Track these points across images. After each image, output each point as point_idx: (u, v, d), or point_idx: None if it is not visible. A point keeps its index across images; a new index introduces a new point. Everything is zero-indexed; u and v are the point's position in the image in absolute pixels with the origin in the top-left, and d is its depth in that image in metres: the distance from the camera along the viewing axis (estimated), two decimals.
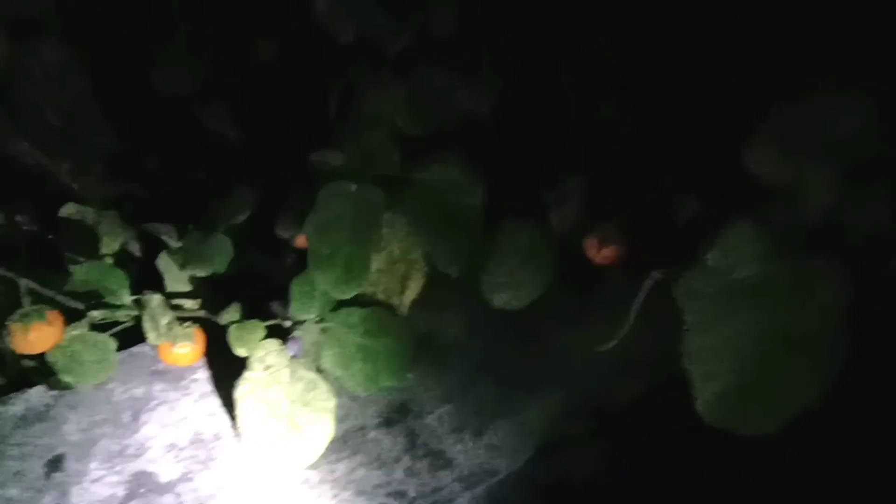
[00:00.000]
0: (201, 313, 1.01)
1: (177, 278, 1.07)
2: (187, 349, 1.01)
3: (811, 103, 0.70)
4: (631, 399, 1.07)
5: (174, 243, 1.08)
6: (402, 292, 0.97)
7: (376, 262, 0.96)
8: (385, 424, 1.05)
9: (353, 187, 0.87)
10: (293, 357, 0.93)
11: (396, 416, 1.06)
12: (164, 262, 1.08)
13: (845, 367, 0.65)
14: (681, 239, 0.80)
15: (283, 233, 0.99)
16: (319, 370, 0.93)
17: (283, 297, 0.96)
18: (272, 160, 1.14)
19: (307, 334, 0.93)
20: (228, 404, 1.01)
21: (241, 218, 1.06)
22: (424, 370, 1.10)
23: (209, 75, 1.16)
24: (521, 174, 0.99)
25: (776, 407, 0.67)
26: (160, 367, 1.08)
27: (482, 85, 1.10)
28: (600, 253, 0.94)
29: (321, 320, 0.94)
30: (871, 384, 0.85)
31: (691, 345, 0.69)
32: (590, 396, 1.07)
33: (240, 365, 0.93)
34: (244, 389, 0.91)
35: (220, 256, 1.05)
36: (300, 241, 1.04)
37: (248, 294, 1.02)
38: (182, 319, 1.02)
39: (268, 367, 0.91)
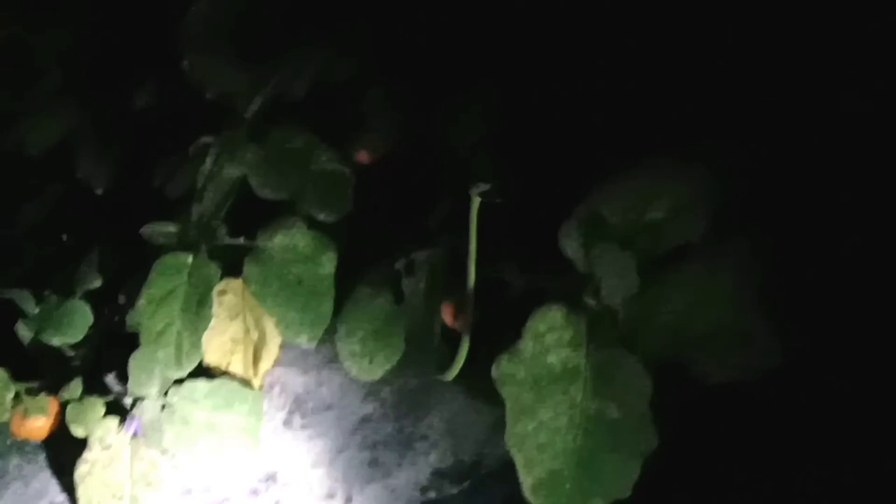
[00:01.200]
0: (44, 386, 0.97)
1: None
2: (41, 422, 0.97)
3: (615, 191, 0.69)
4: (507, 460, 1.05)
5: (31, 310, 1.04)
6: (256, 363, 0.94)
7: (229, 331, 0.93)
8: (251, 494, 1.02)
9: (189, 260, 0.84)
10: (135, 435, 0.90)
11: (263, 485, 1.03)
12: (22, 330, 1.05)
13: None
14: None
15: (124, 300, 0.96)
16: (162, 449, 0.90)
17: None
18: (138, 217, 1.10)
19: (147, 412, 0.90)
20: None
21: (97, 283, 1.03)
22: (296, 434, 1.07)
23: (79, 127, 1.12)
24: (382, 239, 0.97)
25: (590, 495, 0.65)
26: (20, 440, 1.04)
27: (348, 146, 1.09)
28: (456, 320, 0.91)
29: (164, 395, 0.90)
30: None
31: (510, 429, 0.67)
32: (462, 458, 1.05)
33: None
34: (82, 471, 0.88)
35: (77, 324, 1.01)
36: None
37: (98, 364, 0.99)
38: (36, 390, 0.99)
39: (107, 448, 0.88)
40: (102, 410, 0.90)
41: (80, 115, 1.07)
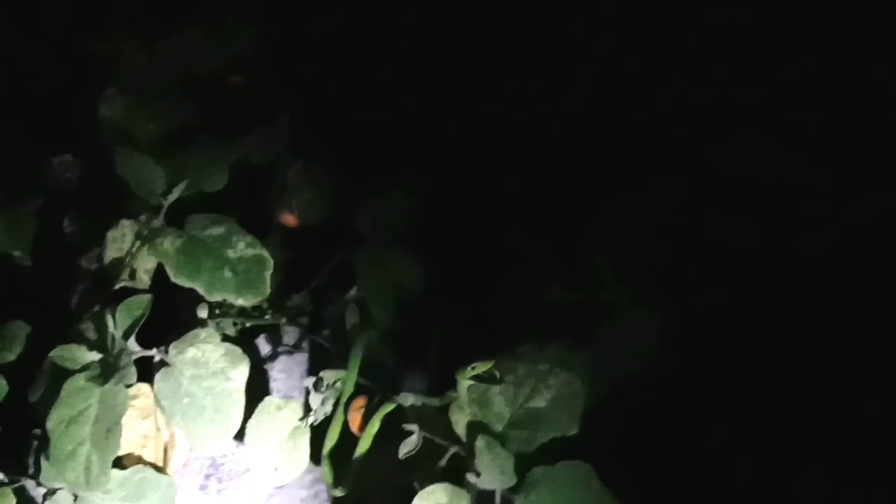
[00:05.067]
0: None
1: None
2: None
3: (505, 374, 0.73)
4: None
5: None
6: (168, 459, 0.98)
7: (140, 429, 0.96)
8: None
9: (99, 388, 0.85)
10: None
11: None
12: None
13: None
14: None
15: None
16: None
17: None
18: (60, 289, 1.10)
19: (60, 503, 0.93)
20: None
21: (12, 357, 1.03)
22: (212, 499, 1.10)
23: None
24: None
25: None
26: None
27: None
28: (360, 428, 0.96)
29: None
30: None
31: None
32: None
33: None
34: None
35: None
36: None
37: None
38: None
39: None
40: (13, 501, 0.93)
41: None
